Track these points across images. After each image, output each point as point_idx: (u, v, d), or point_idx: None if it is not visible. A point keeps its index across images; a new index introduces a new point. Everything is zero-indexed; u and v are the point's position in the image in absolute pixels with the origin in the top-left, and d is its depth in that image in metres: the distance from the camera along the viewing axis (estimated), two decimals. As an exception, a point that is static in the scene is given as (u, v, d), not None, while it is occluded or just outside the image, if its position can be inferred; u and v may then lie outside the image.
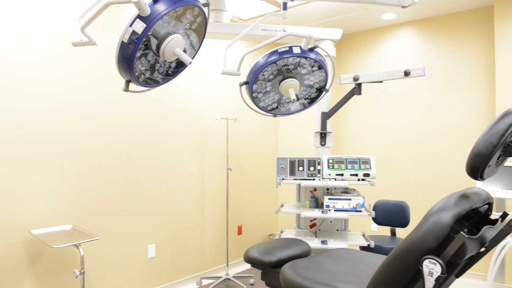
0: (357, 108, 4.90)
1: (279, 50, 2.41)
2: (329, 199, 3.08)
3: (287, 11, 2.45)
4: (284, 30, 3.01)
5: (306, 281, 1.63)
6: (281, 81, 2.57)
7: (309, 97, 2.77)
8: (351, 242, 3.00)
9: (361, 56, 4.89)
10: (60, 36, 2.89)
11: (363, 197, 3.06)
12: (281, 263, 2.07)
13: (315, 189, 3.39)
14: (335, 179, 3.13)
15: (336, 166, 3.14)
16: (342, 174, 3.11)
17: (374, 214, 3.52)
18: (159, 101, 3.63)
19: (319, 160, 3.24)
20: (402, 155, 4.52)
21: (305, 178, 3.24)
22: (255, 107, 2.71)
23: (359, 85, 3.36)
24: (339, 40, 3.42)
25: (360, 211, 3.04)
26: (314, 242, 2.95)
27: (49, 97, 2.84)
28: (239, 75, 2.46)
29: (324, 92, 2.73)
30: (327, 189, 3.29)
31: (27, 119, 2.72)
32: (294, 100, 2.54)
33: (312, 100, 2.80)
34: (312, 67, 2.53)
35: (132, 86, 3.35)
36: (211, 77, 4.17)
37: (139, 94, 3.48)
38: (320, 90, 2.73)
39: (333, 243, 2.94)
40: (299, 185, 3.46)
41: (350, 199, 3.05)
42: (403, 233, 4.33)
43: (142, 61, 1.80)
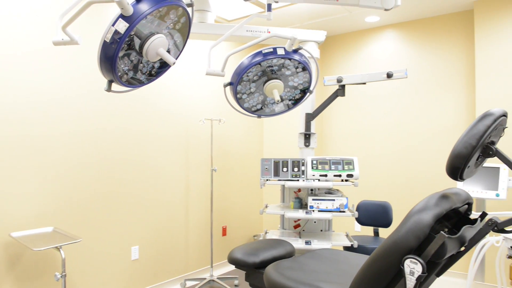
0: (341, 110, 4.94)
1: (264, 51, 2.42)
2: (313, 200, 3.10)
3: (272, 13, 2.46)
4: (269, 31, 3.02)
5: (290, 282, 1.64)
6: (266, 82, 2.57)
7: (293, 98, 2.78)
8: (335, 243, 3.02)
9: (345, 58, 4.93)
10: (42, 33, 2.84)
11: (347, 198, 3.09)
12: (265, 264, 2.07)
13: (299, 190, 3.40)
14: (319, 180, 3.15)
15: (320, 167, 3.16)
16: (326, 175, 3.13)
17: (357, 215, 3.56)
18: (143, 101, 3.59)
19: (303, 161, 3.26)
20: (385, 156, 4.58)
21: (289, 179, 3.25)
22: (240, 108, 2.71)
23: (343, 87, 3.39)
24: (323, 42, 3.45)
25: (344, 212, 3.06)
26: (298, 243, 2.96)
27: (29, 95, 2.79)
28: (223, 76, 2.45)
29: (308, 94, 2.74)
30: (311, 190, 3.31)
31: (5, 117, 2.67)
32: (279, 101, 2.54)
33: (296, 101, 2.81)
34: (296, 69, 2.54)
35: (115, 86, 3.30)
36: (196, 78, 4.15)
37: (123, 93, 3.44)
38: (304, 92, 2.74)
39: (317, 244, 2.95)
40: (283, 186, 3.47)
41: (334, 200, 3.07)
42: (386, 233, 4.38)
43: (125, 61, 1.78)
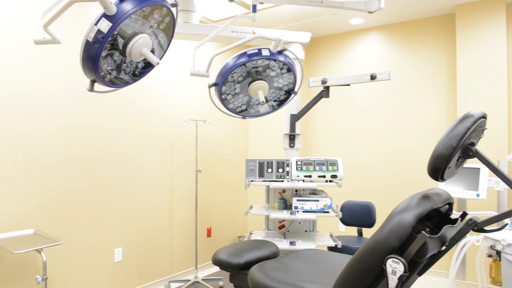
0: (325, 111, 4.97)
1: (248, 52, 2.42)
2: (298, 201, 3.11)
3: (257, 14, 2.46)
4: (254, 33, 3.03)
5: (274, 282, 1.64)
6: (250, 83, 2.58)
7: (278, 99, 2.79)
8: (319, 243, 3.04)
9: (330, 60, 4.97)
10: (26, 31, 2.79)
11: (331, 198, 3.11)
12: (250, 265, 2.07)
13: (284, 191, 3.41)
14: (304, 181, 3.17)
15: (305, 168, 3.17)
16: (310, 176, 3.14)
17: (342, 215, 3.58)
18: (127, 100, 3.56)
19: (288, 162, 3.27)
20: (369, 157, 4.62)
21: (274, 180, 3.25)
22: (224, 109, 2.71)
23: (327, 88, 3.41)
24: (308, 44, 3.47)
25: (328, 212, 3.08)
26: (283, 243, 2.97)
27: (9, 91, 2.73)
28: (208, 77, 2.44)
29: (293, 95, 2.76)
30: (296, 191, 3.32)
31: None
32: (263, 102, 2.55)
33: (281, 102, 2.82)
34: (281, 70, 2.55)
35: (98, 86, 3.27)
36: (180, 78, 4.13)
37: (106, 92, 3.40)
38: (289, 93, 2.75)
39: (301, 244, 2.97)
40: (268, 187, 3.48)
41: (318, 200, 3.09)
42: (370, 233, 4.42)
43: (108, 61, 1.76)
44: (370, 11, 2.55)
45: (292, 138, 3.45)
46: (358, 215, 3.75)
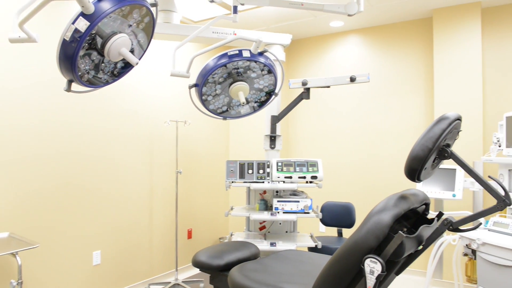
0: (306, 112, 5.01)
1: (229, 53, 2.42)
2: (278, 202, 3.12)
3: (237, 15, 2.46)
4: (235, 34, 3.03)
5: (254, 284, 1.64)
6: (231, 84, 2.58)
7: (259, 101, 2.79)
8: (300, 244, 3.05)
9: (310, 62, 5.01)
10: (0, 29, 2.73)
11: (311, 199, 3.13)
12: (230, 267, 2.07)
13: (265, 192, 3.42)
14: (284, 182, 3.18)
15: (285, 169, 3.19)
16: (291, 177, 3.16)
17: (322, 216, 3.61)
18: (106, 99, 3.50)
19: (268, 163, 3.28)
20: (348, 158, 4.67)
21: (255, 181, 3.26)
22: (205, 110, 2.70)
23: (308, 90, 3.44)
24: (289, 45, 3.49)
25: (308, 213, 3.10)
26: (263, 244, 2.98)
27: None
28: (189, 77, 2.43)
29: (274, 96, 2.77)
30: (276, 192, 3.33)
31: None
32: (244, 103, 2.55)
33: (262, 104, 2.83)
34: (262, 71, 2.56)
35: (75, 86, 3.21)
36: (161, 78, 4.10)
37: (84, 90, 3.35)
38: (270, 94, 2.76)
39: (282, 245, 2.98)
40: (249, 188, 3.48)
41: (298, 201, 3.11)
42: (350, 233, 4.47)
43: (86, 60, 1.73)
44: (350, 14, 2.58)
45: (273, 139, 3.47)
46: (338, 216, 3.78)
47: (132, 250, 3.77)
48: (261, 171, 3.26)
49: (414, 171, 1.39)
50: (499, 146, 3.01)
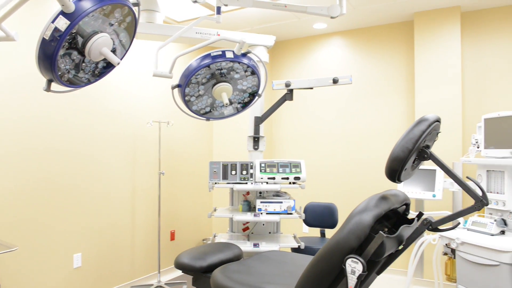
0: (289, 113, 5.03)
1: (212, 54, 2.41)
2: (261, 203, 3.12)
3: (221, 16, 2.45)
4: (218, 34, 3.02)
5: (236, 285, 1.64)
6: (214, 85, 2.57)
7: (242, 102, 2.79)
8: (283, 244, 3.06)
9: (293, 63, 5.03)
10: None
11: (294, 200, 3.14)
12: (213, 268, 2.06)
13: (248, 193, 3.42)
14: (267, 183, 3.19)
15: (268, 170, 3.19)
16: (274, 178, 3.17)
17: (305, 216, 3.63)
18: (88, 98, 3.45)
19: (252, 164, 3.28)
20: (331, 159, 4.71)
21: (238, 182, 3.25)
22: (188, 111, 2.69)
23: (291, 91, 3.45)
24: (272, 47, 3.50)
25: (291, 214, 3.12)
26: (247, 246, 2.98)
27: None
28: (171, 78, 2.42)
29: (257, 97, 2.77)
30: (260, 193, 3.34)
31: None
32: (227, 104, 2.55)
33: (245, 105, 2.83)
34: (245, 72, 2.56)
35: (55, 86, 3.16)
36: (143, 78, 4.06)
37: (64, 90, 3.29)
38: (253, 95, 2.76)
39: (265, 246, 2.98)
40: (232, 189, 3.48)
41: (282, 202, 3.12)
42: (332, 234, 4.50)
43: (66, 60, 1.70)
44: (333, 17, 2.60)
45: (256, 140, 3.47)
46: (321, 216, 3.81)
47: (114, 252, 3.72)
48: (245, 172, 3.26)
49: (395, 172, 1.41)
50: (478, 148, 3.08)
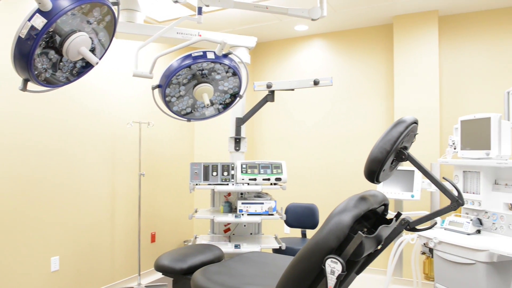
0: (271, 115, 5.04)
1: (193, 55, 2.40)
2: (242, 204, 3.12)
3: (202, 16, 2.45)
4: (200, 35, 3.01)
5: (217, 286, 1.63)
6: (195, 86, 2.56)
7: (224, 103, 2.79)
8: (264, 245, 3.06)
9: (275, 64, 5.05)
10: None
11: (275, 201, 3.15)
12: (193, 270, 2.05)
13: (229, 194, 3.42)
14: (248, 184, 3.19)
15: (249, 171, 3.19)
16: (255, 179, 3.17)
17: (286, 217, 3.64)
18: (67, 96, 3.38)
19: (233, 165, 3.27)
20: (312, 159, 4.74)
21: (219, 183, 3.24)
22: (169, 111, 2.67)
23: (272, 92, 3.47)
24: (254, 48, 3.51)
25: (272, 215, 3.12)
26: (228, 247, 2.97)
27: None
28: (152, 78, 2.39)
29: (238, 98, 2.77)
30: (241, 194, 3.34)
31: None
32: (208, 105, 2.54)
33: (227, 106, 2.82)
34: (227, 73, 2.56)
35: (32, 86, 3.09)
36: (123, 78, 4.01)
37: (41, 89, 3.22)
38: (235, 96, 2.76)
39: (246, 247, 2.98)
40: (213, 190, 3.46)
41: (263, 203, 3.12)
42: (313, 234, 4.53)
43: (43, 59, 1.67)
44: (313, 19, 2.63)
45: (238, 141, 3.47)
46: (302, 217, 3.83)
47: (93, 255, 3.66)
48: (226, 173, 3.26)
49: (373, 173, 1.43)
50: (455, 149, 3.14)
